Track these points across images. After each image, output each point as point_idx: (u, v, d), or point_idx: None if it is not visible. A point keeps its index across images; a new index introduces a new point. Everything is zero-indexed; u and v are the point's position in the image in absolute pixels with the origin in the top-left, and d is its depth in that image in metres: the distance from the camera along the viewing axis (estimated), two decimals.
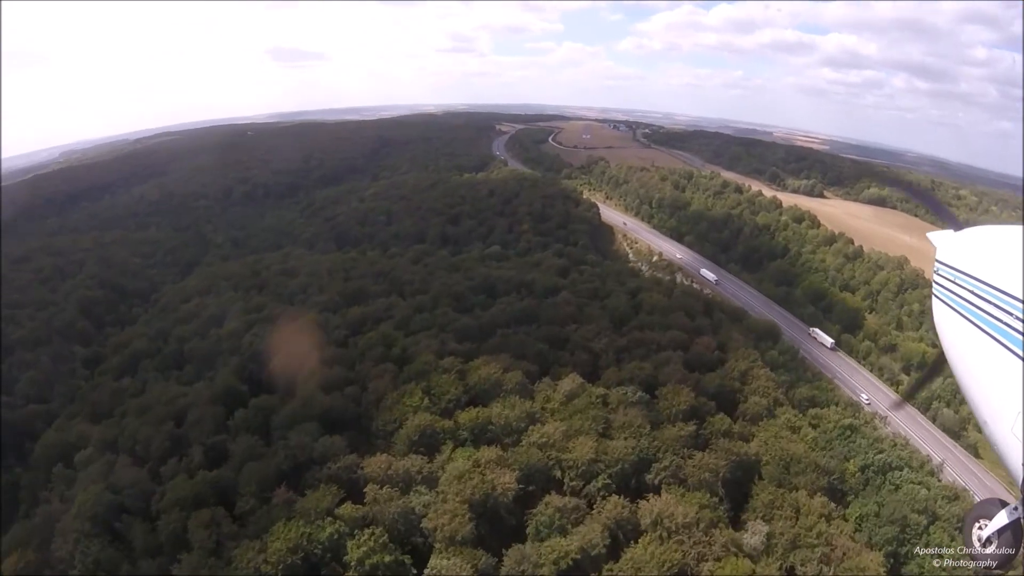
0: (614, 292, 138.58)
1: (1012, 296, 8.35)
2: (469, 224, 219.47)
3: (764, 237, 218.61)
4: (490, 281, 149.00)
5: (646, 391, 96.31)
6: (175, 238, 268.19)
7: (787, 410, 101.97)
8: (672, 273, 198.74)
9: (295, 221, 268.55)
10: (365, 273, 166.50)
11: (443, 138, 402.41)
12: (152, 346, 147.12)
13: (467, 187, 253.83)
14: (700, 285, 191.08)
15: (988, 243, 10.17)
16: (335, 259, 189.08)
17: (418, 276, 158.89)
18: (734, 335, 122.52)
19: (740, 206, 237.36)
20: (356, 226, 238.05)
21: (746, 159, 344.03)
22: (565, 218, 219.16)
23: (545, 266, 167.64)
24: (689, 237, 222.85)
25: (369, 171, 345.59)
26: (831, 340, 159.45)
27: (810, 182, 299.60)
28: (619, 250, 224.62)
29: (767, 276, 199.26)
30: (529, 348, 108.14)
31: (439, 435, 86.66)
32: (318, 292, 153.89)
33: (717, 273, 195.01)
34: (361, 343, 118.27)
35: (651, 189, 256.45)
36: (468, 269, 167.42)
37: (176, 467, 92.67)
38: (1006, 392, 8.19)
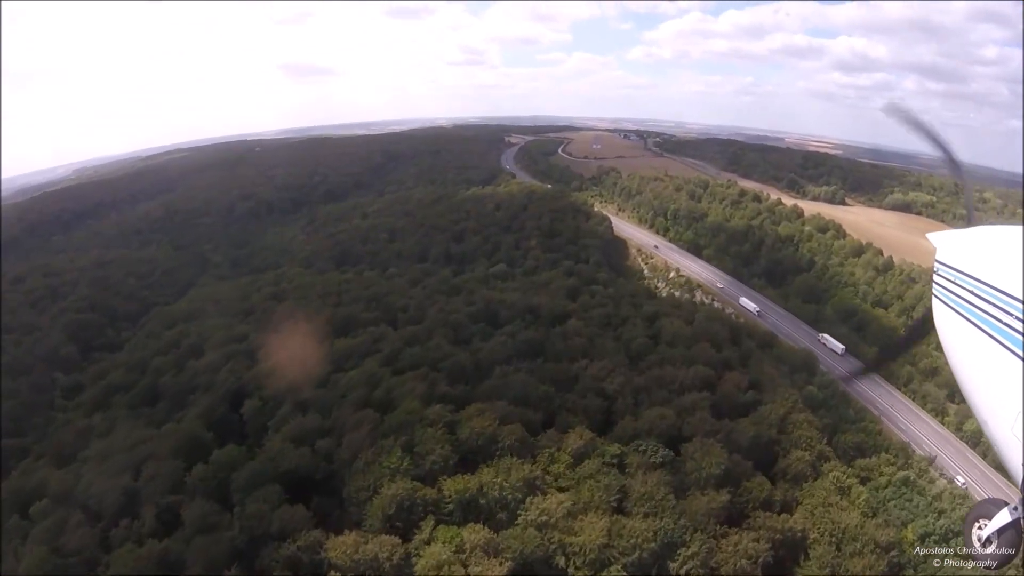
0: (629, 319, 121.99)
1: (1012, 296, 8.01)
2: (474, 241, 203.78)
3: (788, 249, 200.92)
4: (492, 307, 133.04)
5: (669, 445, 79.68)
6: (174, 257, 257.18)
7: (834, 465, 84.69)
8: (692, 291, 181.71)
9: (296, 239, 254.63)
10: (358, 297, 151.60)
11: (452, 151, 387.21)
12: (128, 378, 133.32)
13: (473, 202, 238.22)
14: (720, 303, 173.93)
15: (988, 243, 9.91)
16: (329, 281, 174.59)
17: (414, 301, 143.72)
18: (767, 369, 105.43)
19: (760, 216, 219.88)
20: (358, 244, 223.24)
21: (762, 166, 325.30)
22: (575, 233, 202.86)
23: (553, 287, 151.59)
24: (708, 250, 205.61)
25: (375, 186, 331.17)
26: (841, 346, 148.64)
27: (831, 188, 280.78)
28: (633, 266, 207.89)
29: (793, 292, 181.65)
30: (532, 391, 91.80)
31: (419, 507, 70.47)
32: (306, 320, 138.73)
33: (757, 302, 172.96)
34: (343, 382, 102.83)
35: (665, 200, 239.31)
36: (470, 292, 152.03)
37: (127, 531, 79.31)
38: (1006, 392, 7.88)
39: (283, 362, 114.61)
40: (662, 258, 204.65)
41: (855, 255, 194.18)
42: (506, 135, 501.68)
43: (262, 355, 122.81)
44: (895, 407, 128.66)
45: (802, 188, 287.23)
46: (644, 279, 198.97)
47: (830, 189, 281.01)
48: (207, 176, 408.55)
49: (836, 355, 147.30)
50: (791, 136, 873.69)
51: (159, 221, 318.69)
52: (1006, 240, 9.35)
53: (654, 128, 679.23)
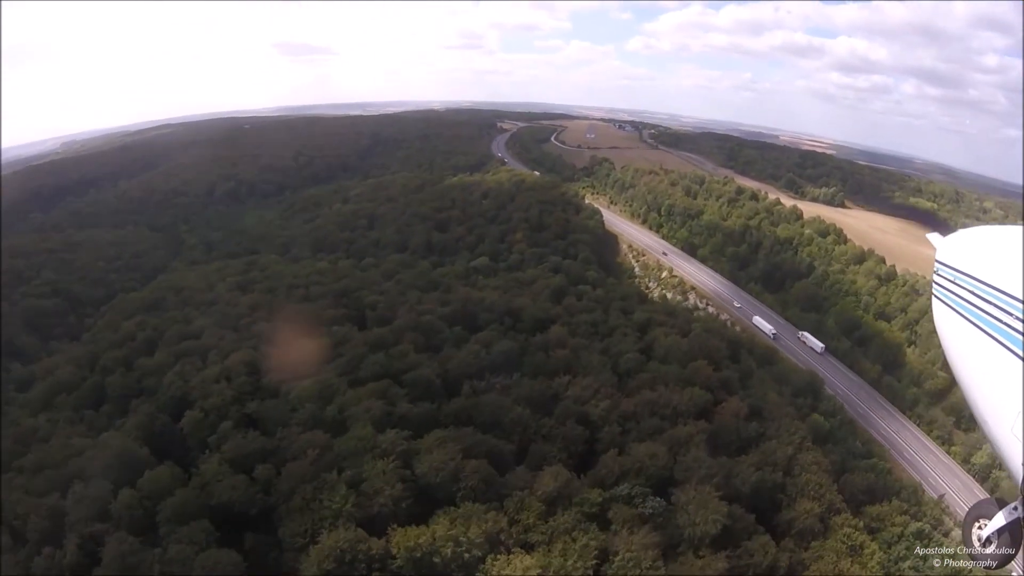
0: (619, 328, 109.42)
1: (1012, 296, 7.98)
2: (457, 231, 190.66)
3: (787, 253, 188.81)
4: (469, 308, 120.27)
5: (659, 490, 67.48)
6: (148, 239, 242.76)
7: (845, 519, 72.29)
8: (685, 293, 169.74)
9: (274, 223, 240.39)
10: (327, 291, 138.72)
11: (441, 135, 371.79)
12: (77, 375, 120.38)
13: (459, 189, 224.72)
14: (715, 308, 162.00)
15: (988, 243, 9.78)
16: (300, 272, 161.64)
17: (386, 298, 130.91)
18: (770, 395, 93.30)
19: (758, 216, 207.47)
20: (336, 230, 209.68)
21: (760, 164, 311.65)
22: (564, 226, 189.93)
23: (538, 286, 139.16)
24: (703, 250, 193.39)
25: (361, 169, 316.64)
26: (821, 345, 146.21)
27: (830, 190, 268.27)
28: (624, 263, 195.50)
29: (792, 299, 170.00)
30: (504, 414, 79.23)
31: (362, 562, 58.03)
32: (267, 316, 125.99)
33: (773, 323, 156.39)
34: (295, 394, 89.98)
35: (660, 195, 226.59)
36: (447, 288, 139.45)
37: (50, 562, 67.28)
38: (1006, 392, 7.86)
39: (233, 366, 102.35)
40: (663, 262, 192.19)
41: (857, 262, 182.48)
42: (499, 121, 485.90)
43: (213, 356, 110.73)
44: (900, 434, 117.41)
45: (801, 188, 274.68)
46: (635, 278, 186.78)
47: (829, 191, 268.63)
48: (191, 154, 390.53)
49: (815, 353, 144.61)
50: (786, 134, 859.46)
51: (137, 200, 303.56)
52: (1006, 240, 9.07)
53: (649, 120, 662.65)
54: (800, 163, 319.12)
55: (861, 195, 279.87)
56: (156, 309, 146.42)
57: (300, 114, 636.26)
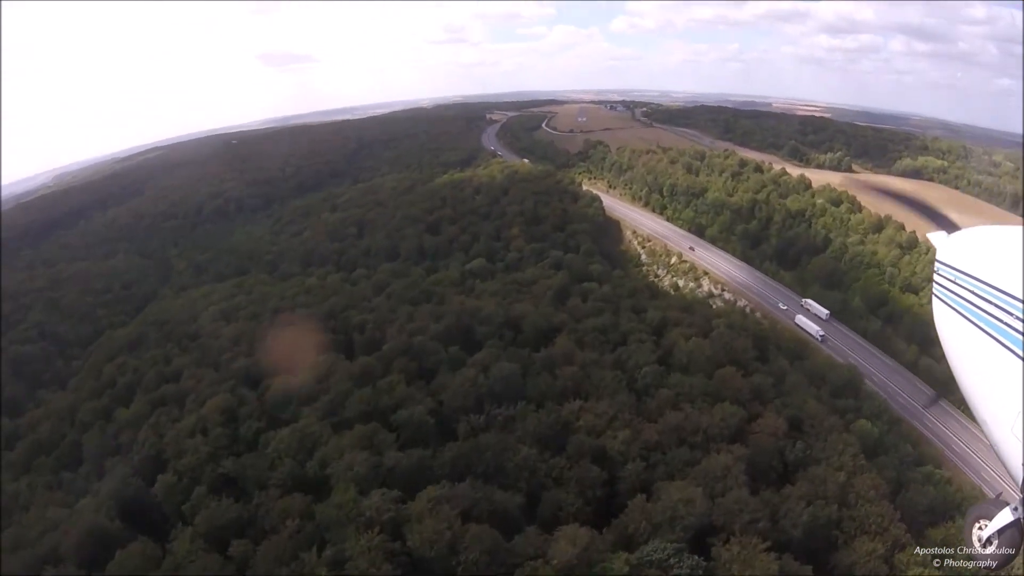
0: (632, 334, 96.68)
1: (1012, 296, 7.83)
2: (450, 231, 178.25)
3: (800, 227, 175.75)
4: (464, 321, 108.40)
5: (696, 542, 55.71)
6: (137, 267, 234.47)
7: (912, 555, 59.49)
8: (697, 279, 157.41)
9: (263, 238, 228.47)
10: (314, 314, 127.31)
11: (429, 132, 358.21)
12: (57, 432, 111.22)
13: (449, 187, 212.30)
14: (732, 293, 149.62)
15: (988, 243, 9.46)
16: (287, 291, 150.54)
17: (375, 316, 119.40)
18: (809, 402, 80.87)
19: (765, 189, 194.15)
20: (325, 241, 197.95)
21: (759, 133, 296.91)
22: (562, 217, 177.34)
23: (539, 288, 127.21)
24: (711, 230, 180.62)
25: (349, 174, 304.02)
26: (826, 311, 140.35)
27: (836, 155, 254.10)
28: (629, 251, 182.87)
29: (810, 275, 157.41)
30: (509, 458, 67.35)
31: None
32: (248, 351, 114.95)
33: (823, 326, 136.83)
34: (273, 445, 78.51)
35: (660, 174, 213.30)
36: (441, 299, 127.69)
37: None
38: (1006, 392, 7.69)
39: (210, 415, 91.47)
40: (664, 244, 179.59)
41: (875, 231, 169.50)
42: (488, 112, 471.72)
43: (191, 403, 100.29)
44: (947, 424, 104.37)
45: (805, 156, 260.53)
46: (642, 266, 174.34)
47: (835, 156, 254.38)
48: (178, 175, 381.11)
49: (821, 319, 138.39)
50: (779, 101, 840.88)
51: (125, 228, 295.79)
52: (1006, 240, 8.78)
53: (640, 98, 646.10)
54: (800, 129, 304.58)
55: (867, 157, 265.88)
56: (139, 347, 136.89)
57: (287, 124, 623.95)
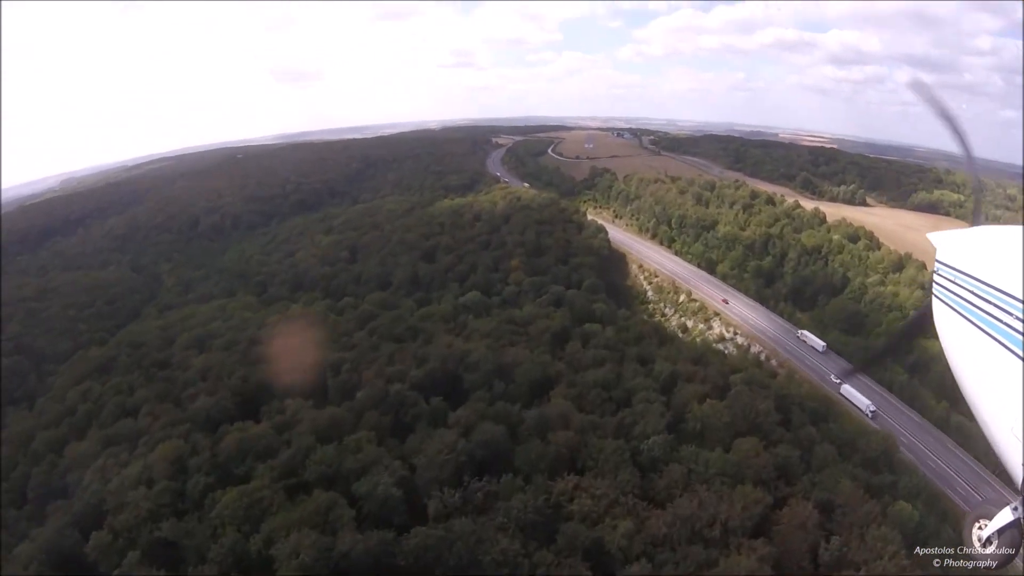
0: (638, 392, 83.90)
1: (1012, 296, 7.82)
2: (446, 260, 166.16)
3: (816, 264, 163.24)
4: (450, 365, 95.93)
5: None
6: (126, 281, 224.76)
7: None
8: (708, 319, 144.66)
9: (255, 258, 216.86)
10: (290, 348, 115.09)
11: (434, 154, 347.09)
12: (11, 461, 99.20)
13: (448, 213, 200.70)
14: (747, 337, 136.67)
15: (988, 243, 9.56)
16: (267, 319, 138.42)
17: (353, 355, 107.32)
18: (842, 482, 67.65)
19: (779, 223, 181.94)
20: (316, 265, 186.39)
21: (769, 164, 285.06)
22: (565, 248, 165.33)
23: (536, 328, 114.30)
24: (722, 267, 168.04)
25: (350, 194, 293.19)
26: (822, 343, 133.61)
27: (849, 188, 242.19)
28: (635, 287, 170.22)
29: (828, 317, 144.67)
30: (486, 551, 54.19)
31: None
32: (212, 387, 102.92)
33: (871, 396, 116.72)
34: (216, 511, 65.80)
35: (668, 205, 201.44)
36: (428, 337, 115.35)
37: None
38: (1006, 392, 7.67)
39: (158, 464, 79.33)
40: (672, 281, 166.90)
41: (895, 270, 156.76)
42: (494, 136, 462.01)
43: (143, 445, 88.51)
44: (985, 494, 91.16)
45: (818, 188, 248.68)
46: (647, 303, 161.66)
47: (849, 189, 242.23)
48: (179, 186, 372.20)
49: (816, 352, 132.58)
50: (785, 131, 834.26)
51: (122, 238, 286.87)
52: (1006, 240, 8.87)
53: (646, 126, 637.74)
54: (812, 160, 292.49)
55: (881, 191, 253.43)
56: (109, 371, 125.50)
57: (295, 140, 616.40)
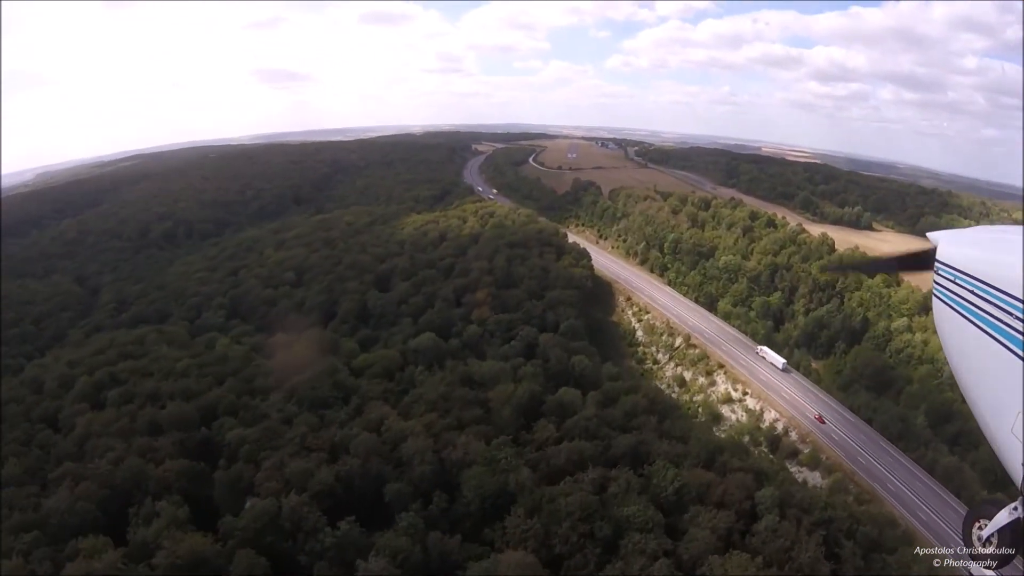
0: (629, 529, 55.09)
1: (1012, 296, 7.34)
2: (402, 288, 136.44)
3: (830, 302, 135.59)
4: (373, 469, 66.78)
5: None
6: (62, 295, 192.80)
7: None
8: (710, 372, 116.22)
9: (196, 276, 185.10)
10: (182, 414, 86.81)
11: (408, 160, 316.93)
12: None
13: (411, 230, 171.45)
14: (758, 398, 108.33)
15: (988, 243, 9.02)
16: (176, 364, 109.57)
17: (260, 433, 78.36)
18: None
19: (785, 250, 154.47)
20: (258, 286, 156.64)
21: (765, 181, 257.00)
22: (541, 279, 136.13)
23: (498, 397, 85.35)
24: (724, 303, 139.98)
25: (315, 202, 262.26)
26: (783, 360, 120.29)
27: (854, 210, 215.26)
28: (621, 323, 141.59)
29: (848, 370, 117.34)
30: None
31: None
32: (81, 472, 73.92)
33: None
34: None
35: (660, 225, 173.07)
36: (360, 404, 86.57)
37: None
38: (1006, 392, 7.26)
39: None
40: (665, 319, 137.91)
41: (923, 311, 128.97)
42: (475, 142, 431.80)
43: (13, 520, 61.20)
44: None
45: (820, 209, 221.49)
46: (637, 346, 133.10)
47: (853, 211, 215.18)
48: (141, 188, 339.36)
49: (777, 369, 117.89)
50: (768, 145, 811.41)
51: (71, 243, 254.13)
52: (1006, 240, 8.42)
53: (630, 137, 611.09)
54: (809, 178, 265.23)
55: (886, 213, 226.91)
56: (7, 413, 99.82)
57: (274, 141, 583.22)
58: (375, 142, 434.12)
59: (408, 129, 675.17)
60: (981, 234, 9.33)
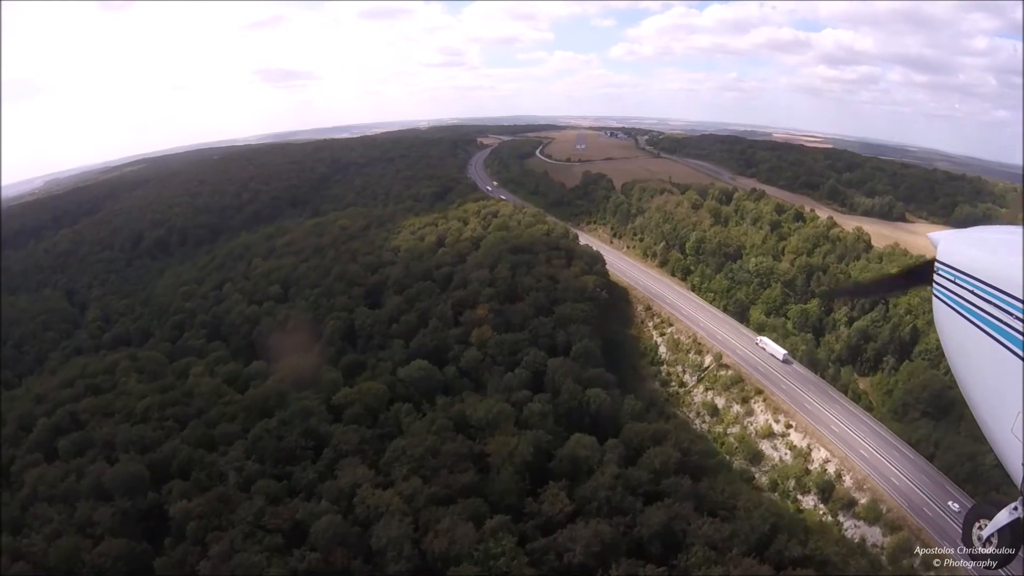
0: None
1: (1012, 296, 7.30)
2: (393, 303, 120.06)
3: (875, 311, 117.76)
4: (340, 559, 51.03)
5: None
6: (49, 312, 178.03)
7: None
8: (746, 399, 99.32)
9: (182, 290, 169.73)
10: (131, 476, 72.08)
11: (409, 157, 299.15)
12: None
13: (407, 235, 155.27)
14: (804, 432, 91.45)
15: (988, 243, 8.78)
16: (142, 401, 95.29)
17: (207, 507, 63.19)
18: None
19: (818, 249, 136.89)
20: (241, 302, 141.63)
21: (787, 169, 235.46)
22: (550, 290, 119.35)
23: (497, 452, 69.29)
24: (755, 311, 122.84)
25: (312, 204, 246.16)
26: (783, 351, 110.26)
27: (885, 200, 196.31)
28: (641, 336, 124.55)
29: (902, 392, 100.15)
30: None
31: None
32: None
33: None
34: None
35: (680, 223, 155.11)
36: (334, 459, 70.96)
37: None
38: (1006, 392, 7.20)
39: None
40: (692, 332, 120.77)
41: None
42: (480, 135, 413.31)
43: None
44: None
45: (849, 200, 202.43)
46: (660, 365, 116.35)
47: (884, 201, 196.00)
48: (137, 195, 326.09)
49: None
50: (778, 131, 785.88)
51: (64, 255, 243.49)
52: (1006, 240, 8.30)
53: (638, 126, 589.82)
54: (831, 165, 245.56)
55: (915, 203, 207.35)
56: None
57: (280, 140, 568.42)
58: (376, 139, 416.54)
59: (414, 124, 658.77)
60: (981, 234, 8.94)
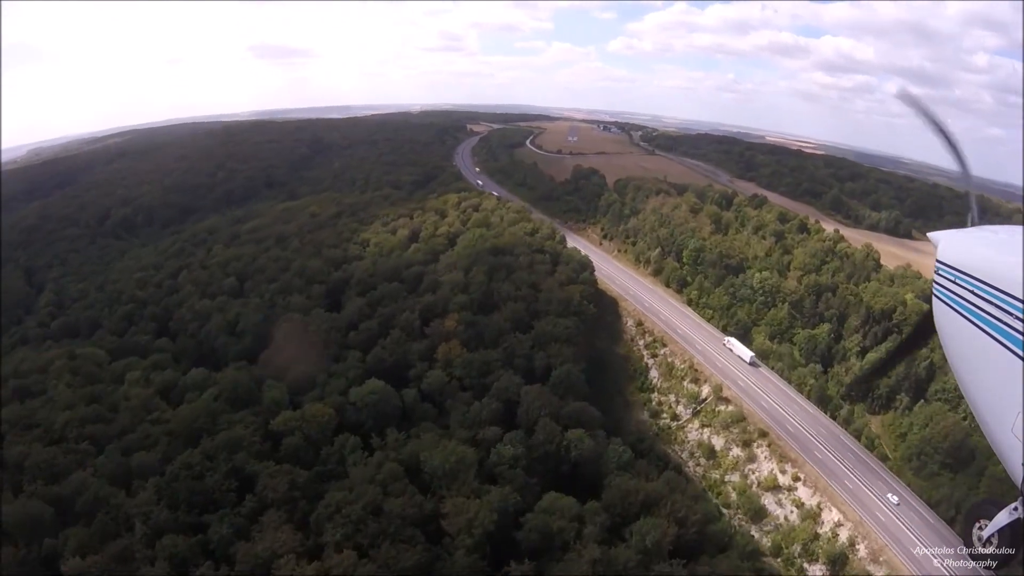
0: None
1: (1012, 296, 7.34)
2: (354, 306, 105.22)
3: (889, 341, 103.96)
4: None
5: None
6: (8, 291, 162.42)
7: None
8: (748, 442, 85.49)
9: (137, 278, 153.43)
10: (27, 517, 57.65)
11: (394, 140, 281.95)
12: None
13: (378, 227, 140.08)
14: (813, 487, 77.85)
15: (988, 243, 8.92)
16: (54, 418, 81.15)
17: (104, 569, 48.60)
18: None
19: (827, 266, 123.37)
20: (193, 295, 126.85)
21: (788, 176, 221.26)
22: (530, 301, 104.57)
23: (455, 517, 55.09)
24: (759, 333, 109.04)
25: (289, 185, 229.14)
26: (750, 353, 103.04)
27: (892, 215, 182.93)
28: (631, 356, 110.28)
29: (916, 438, 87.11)
30: None
31: None
32: None
33: None
34: None
35: (677, 227, 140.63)
36: (252, 518, 56.55)
37: None
38: (1006, 392, 7.24)
39: None
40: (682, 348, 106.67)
41: None
42: (471, 122, 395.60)
43: None
44: None
45: (852, 212, 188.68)
46: (650, 391, 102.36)
47: (891, 215, 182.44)
48: (113, 168, 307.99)
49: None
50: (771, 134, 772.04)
51: (29, 230, 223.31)
52: (1006, 240, 8.45)
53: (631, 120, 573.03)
54: (834, 174, 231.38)
55: (923, 218, 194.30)
56: None
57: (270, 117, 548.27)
58: (360, 120, 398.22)
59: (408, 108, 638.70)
60: (981, 234, 9.02)
